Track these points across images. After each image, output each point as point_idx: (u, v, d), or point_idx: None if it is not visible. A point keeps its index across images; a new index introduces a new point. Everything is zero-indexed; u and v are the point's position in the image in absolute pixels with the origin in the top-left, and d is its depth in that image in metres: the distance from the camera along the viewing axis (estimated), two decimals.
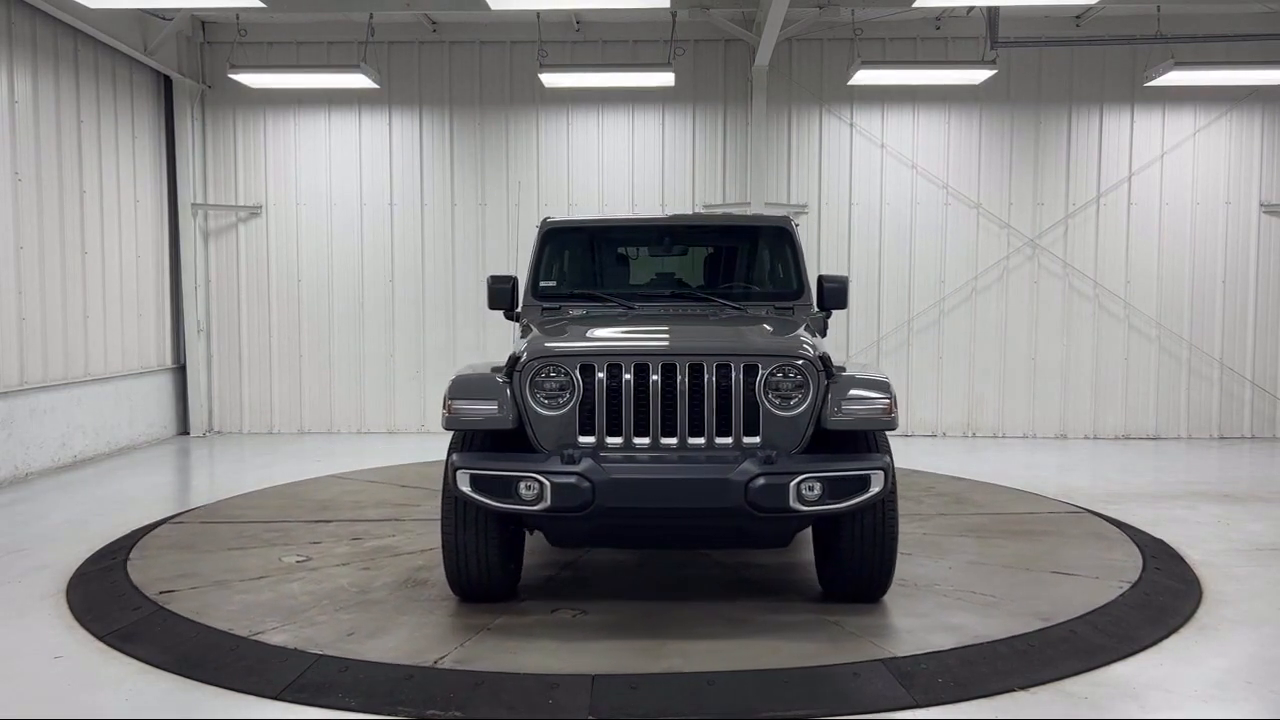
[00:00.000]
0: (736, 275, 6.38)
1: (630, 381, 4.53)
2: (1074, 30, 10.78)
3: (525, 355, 4.62)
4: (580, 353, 4.61)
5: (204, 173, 11.34)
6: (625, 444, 4.54)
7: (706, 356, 4.56)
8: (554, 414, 4.55)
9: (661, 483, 4.36)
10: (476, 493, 4.40)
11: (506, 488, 4.35)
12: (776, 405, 4.56)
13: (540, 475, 4.31)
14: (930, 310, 11.18)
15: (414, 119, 11.31)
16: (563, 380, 4.56)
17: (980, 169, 11.16)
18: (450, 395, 4.62)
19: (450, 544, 4.77)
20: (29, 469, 8.69)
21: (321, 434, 11.36)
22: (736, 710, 3.85)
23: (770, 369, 4.56)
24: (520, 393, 4.57)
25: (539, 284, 5.99)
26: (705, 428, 4.54)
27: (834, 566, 4.93)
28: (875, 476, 4.40)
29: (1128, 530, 6.65)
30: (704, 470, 4.38)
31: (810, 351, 4.65)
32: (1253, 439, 11.11)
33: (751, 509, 4.32)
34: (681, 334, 4.97)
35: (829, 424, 4.58)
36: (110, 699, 4.01)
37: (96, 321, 9.78)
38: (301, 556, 5.88)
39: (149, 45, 10.15)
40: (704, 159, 11.24)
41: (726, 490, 4.30)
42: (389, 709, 3.86)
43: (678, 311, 5.66)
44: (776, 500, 4.31)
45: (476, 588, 4.91)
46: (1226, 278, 11.13)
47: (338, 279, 11.40)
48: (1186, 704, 3.93)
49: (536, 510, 4.36)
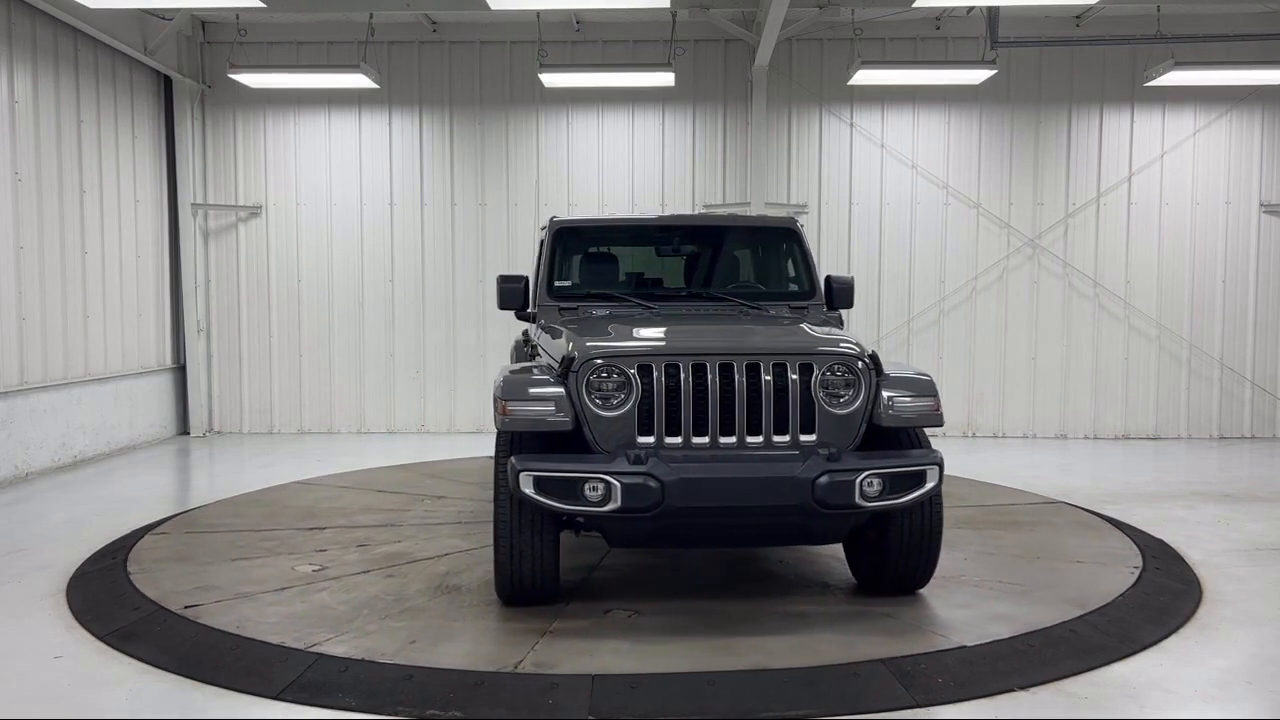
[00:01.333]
0: (750, 275, 6.43)
1: (689, 381, 4.53)
2: (1074, 30, 10.78)
3: (580, 356, 4.56)
4: (638, 353, 4.60)
5: (204, 173, 11.35)
6: (684, 443, 4.54)
7: (763, 355, 4.60)
8: (612, 414, 4.53)
9: (730, 481, 4.37)
10: (540, 494, 4.33)
11: (572, 489, 4.32)
12: (831, 403, 4.63)
13: (609, 476, 4.28)
14: (930, 310, 11.18)
15: (414, 119, 11.31)
16: (619, 380, 4.55)
17: (980, 169, 11.16)
18: (505, 397, 4.56)
19: (505, 547, 4.66)
20: (29, 469, 8.70)
21: (321, 434, 11.37)
22: (737, 710, 3.85)
23: (825, 367, 4.63)
24: (577, 394, 4.53)
25: (554, 283, 5.93)
26: (763, 426, 4.56)
27: (881, 560, 4.99)
28: (931, 472, 4.52)
29: (1111, 521, 6.87)
30: (770, 468, 4.40)
31: (862, 350, 4.73)
32: (1253, 439, 11.11)
33: (818, 505, 4.36)
34: (731, 334, 5.02)
35: (882, 421, 4.66)
36: (110, 699, 4.01)
37: (96, 321, 9.78)
38: (315, 566, 5.69)
39: (149, 45, 10.15)
40: (704, 159, 11.24)
41: (793, 487, 4.34)
42: (389, 709, 3.86)
43: (702, 311, 5.68)
44: (842, 497, 4.36)
45: (528, 591, 4.82)
46: (1226, 278, 11.14)
47: (338, 279, 11.41)
48: (1186, 704, 3.93)
49: (604, 511, 4.32)
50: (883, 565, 5.00)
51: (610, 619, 4.82)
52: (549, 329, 5.54)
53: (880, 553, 4.98)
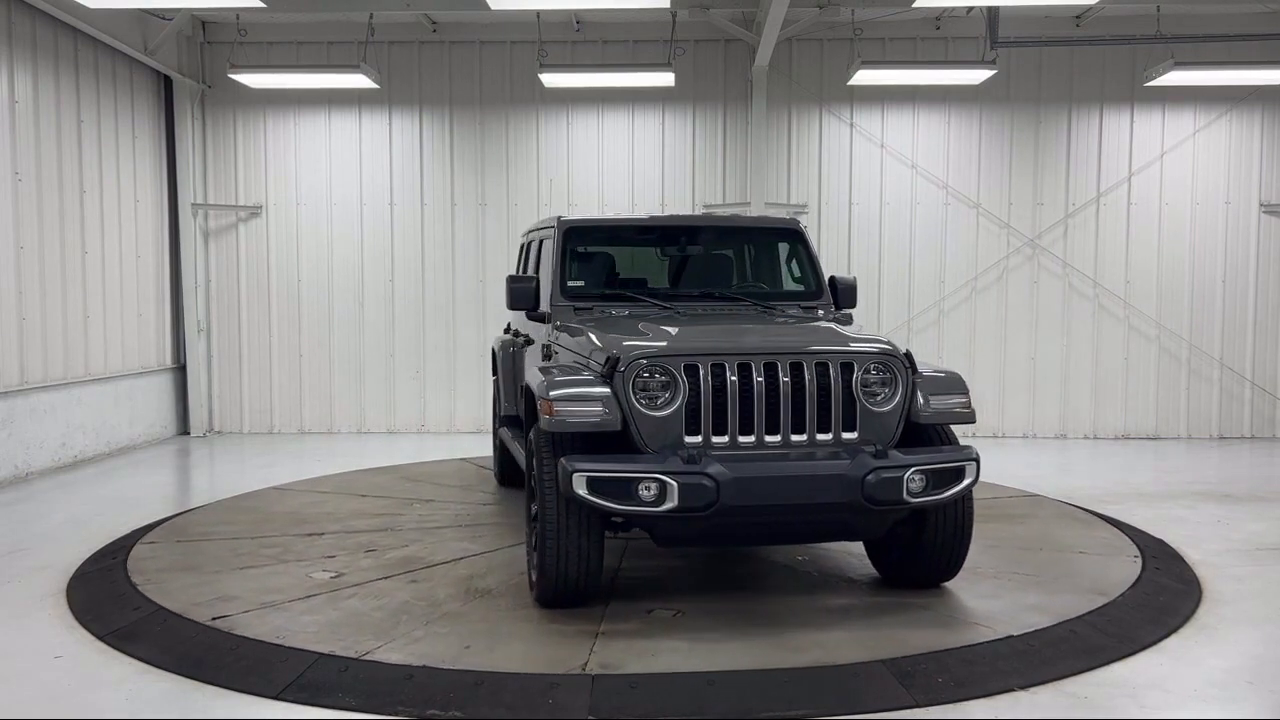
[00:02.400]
0: (759, 276, 6.48)
1: (735, 380, 4.58)
2: (1074, 30, 10.78)
3: (626, 356, 4.58)
4: (685, 352, 4.63)
5: (204, 173, 11.35)
6: (731, 442, 4.58)
7: (805, 355, 4.69)
8: (659, 414, 4.56)
9: (783, 479, 4.44)
10: (594, 495, 4.34)
11: (626, 489, 4.33)
12: (870, 401, 4.72)
13: (664, 475, 4.30)
14: (930, 310, 11.18)
15: (414, 119, 11.31)
16: (663, 380, 4.59)
17: (980, 169, 11.16)
18: (551, 397, 4.56)
19: (554, 548, 4.59)
20: (29, 469, 8.70)
21: (322, 434, 11.37)
22: (736, 710, 3.85)
23: (864, 366, 4.72)
24: (624, 394, 4.55)
25: (567, 283, 5.90)
26: (806, 425, 4.64)
27: (913, 553, 5.08)
28: (969, 468, 4.65)
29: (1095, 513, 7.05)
30: (821, 466, 4.49)
31: (897, 349, 4.83)
32: (1252, 439, 11.11)
33: (866, 502, 4.44)
34: (771, 334, 5.09)
35: (920, 419, 4.79)
36: (110, 699, 4.01)
37: (96, 321, 9.79)
38: (331, 572, 5.53)
39: (149, 45, 10.15)
40: (704, 159, 11.24)
41: (844, 485, 4.42)
42: (389, 709, 3.86)
43: (720, 312, 5.74)
44: (891, 493, 4.46)
45: (572, 593, 4.77)
46: (1226, 278, 11.13)
47: (338, 279, 11.41)
48: (1186, 704, 3.93)
49: (659, 511, 4.34)
50: (915, 559, 5.08)
51: (656, 619, 4.82)
52: (567, 329, 5.55)
53: (914, 547, 5.06)
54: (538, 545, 4.71)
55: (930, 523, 4.93)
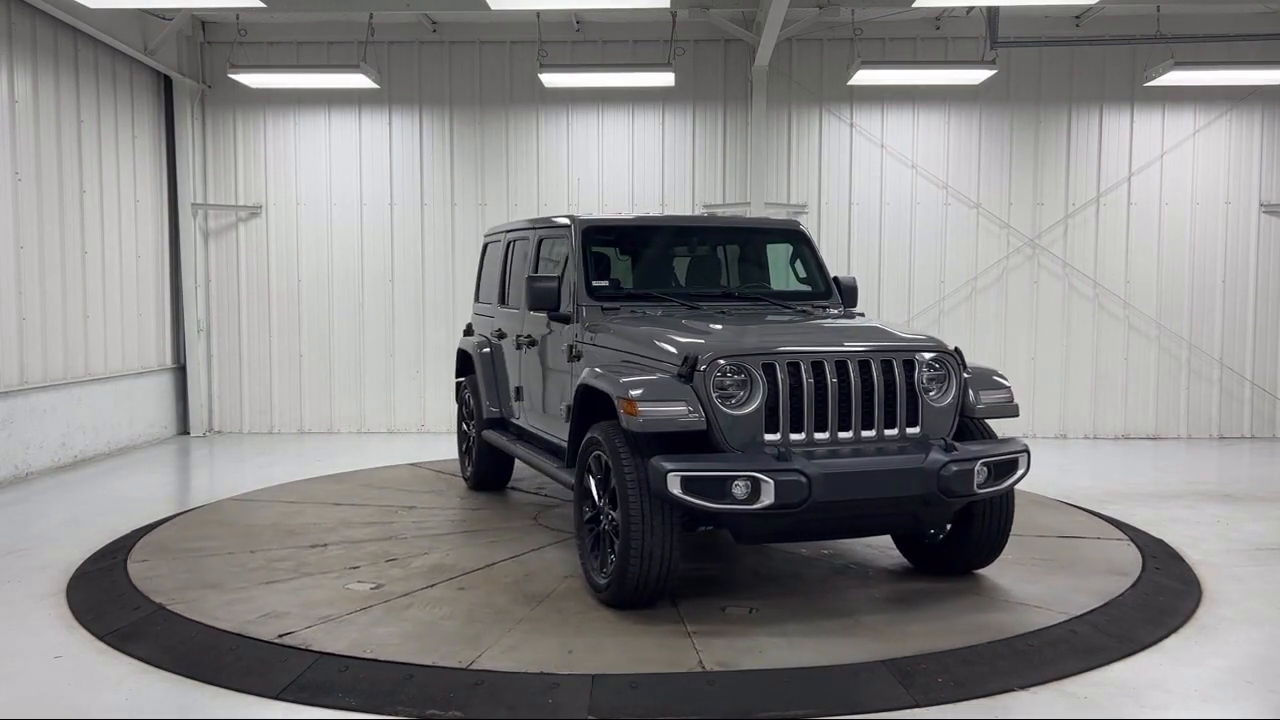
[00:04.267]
0: (771, 276, 6.59)
1: (810, 379, 4.69)
2: (1074, 30, 10.78)
3: (705, 355, 4.63)
4: (762, 351, 4.72)
5: (204, 173, 11.35)
6: (807, 439, 4.68)
7: (873, 353, 4.83)
8: (739, 413, 4.61)
9: (870, 474, 4.58)
10: (688, 494, 4.38)
11: (721, 488, 4.38)
12: (929, 397, 4.91)
13: (760, 473, 4.36)
14: (930, 310, 11.18)
15: (414, 119, 11.31)
16: (740, 379, 4.64)
17: (980, 169, 11.16)
18: (637, 398, 4.57)
19: (638, 549, 4.58)
20: (29, 469, 8.70)
21: (321, 434, 11.36)
22: (736, 710, 3.85)
23: (924, 363, 4.91)
24: (705, 393, 4.59)
25: (592, 283, 5.89)
26: (875, 421, 4.78)
27: (958, 542, 5.28)
28: (1022, 459, 4.92)
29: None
30: (901, 460, 4.64)
31: (949, 346, 5.07)
32: (1253, 439, 11.11)
33: (941, 494, 4.62)
34: (835, 332, 5.19)
35: (975, 413, 5.05)
36: (110, 699, 4.01)
37: (96, 321, 9.78)
38: (371, 584, 5.29)
39: (149, 45, 10.15)
40: (704, 159, 11.24)
41: (921, 478, 4.59)
42: (389, 709, 3.86)
43: (749, 311, 5.84)
44: (963, 485, 4.65)
45: (649, 593, 4.76)
46: (1226, 278, 11.13)
47: (338, 279, 11.40)
48: (1186, 704, 3.93)
49: (755, 508, 4.40)
50: (962, 547, 5.28)
51: (734, 616, 4.84)
52: (600, 329, 5.56)
53: (963, 535, 5.24)
54: (620, 546, 4.67)
55: (981, 512, 5.13)
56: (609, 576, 4.81)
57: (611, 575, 4.78)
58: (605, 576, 4.87)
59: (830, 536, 5.55)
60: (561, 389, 6.00)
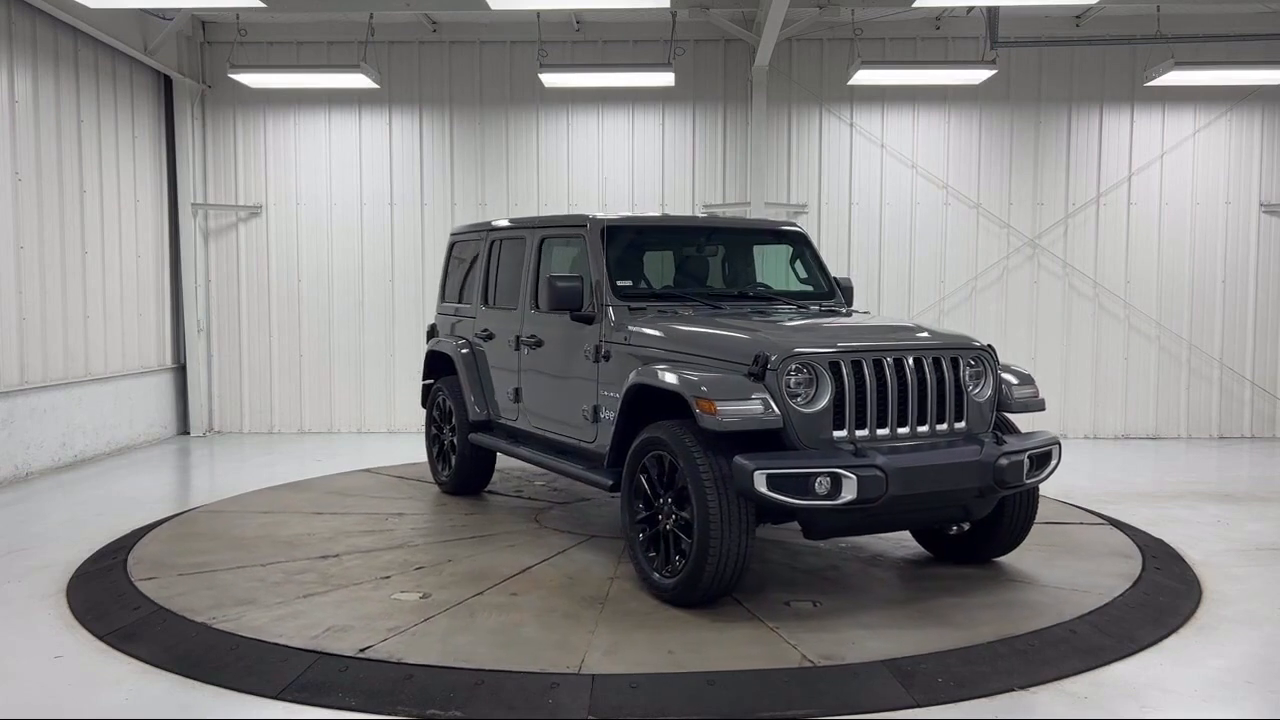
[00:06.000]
0: (781, 277, 6.67)
1: (874, 376, 4.82)
2: (1074, 30, 10.78)
3: (778, 354, 4.72)
4: (831, 349, 4.83)
5: (204, 172, 11.35)
6: (870, 435, 4.80)
7: (927, 351, 5.00)
8: (811, 410, 4.70)
9: (938, 468, 4.73)
10: (773, 491, 4.45)
11: (805, 484, 4.48)
12: (973, 393, 5.10)
13: (843, 470, 4.48)
14: (930, 310, 11.17)
15: (414, 119, 11.31)
16: (807, 377, 4.74)
17: (980, 169, 11.16)
18: (715, 397, 4.62)
19: (717, 547, 4.61)
20: (29, 469, 8.70)
21: (322, 434, 11.36)
22: (736, 710, 3.85)
23: (967, 359, 5.12)
24: (778, 391, 4.66)
25: (616, 283, 5.87)
26: (928, 416, 4.94)
27: (989, 531, 5.51)
28: (1055, 450, 5.20)
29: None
30: (963, 453, 4.82)
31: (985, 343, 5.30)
32: (1253, 439, 11.11)
33: (997, 485, 4.82)
34: (890, 331, 5.29)
35: (1012, 408, 5.30)
36: (110, 699, 4.01)
37: (96, 321, 9.79)
38: (416, 593, 5.13)
39: (149, 45, 10.15)
40: (704, 159, 11.24)
41: (981, 470, 4.77)
42: (389, 709, 3.86)
43: (774, 309, 5.96)
44: (1016, 476, 4.88)
45: (722, 590, 4.80)
46: (1226, 278, 11.13)
47: (338, 279, 11.40)
48: (1186, 704, 3.93)
49: (835, 503, 4.51)
50: (990, 536, 5.53)
51: (801, 610, 4.90)
52: (631, 330, 5.57)
53: (989, 525, 5.45)
54: (695, 544, 4.68)
55: (1013, 502, 5.34)
56: (676, 575, 4.84)
57: (682, 574, 4.80)
58: (670, 576, 4.89)
59: (891, 529, 5.66)
60: (582, 390, 5.94)
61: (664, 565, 4.96)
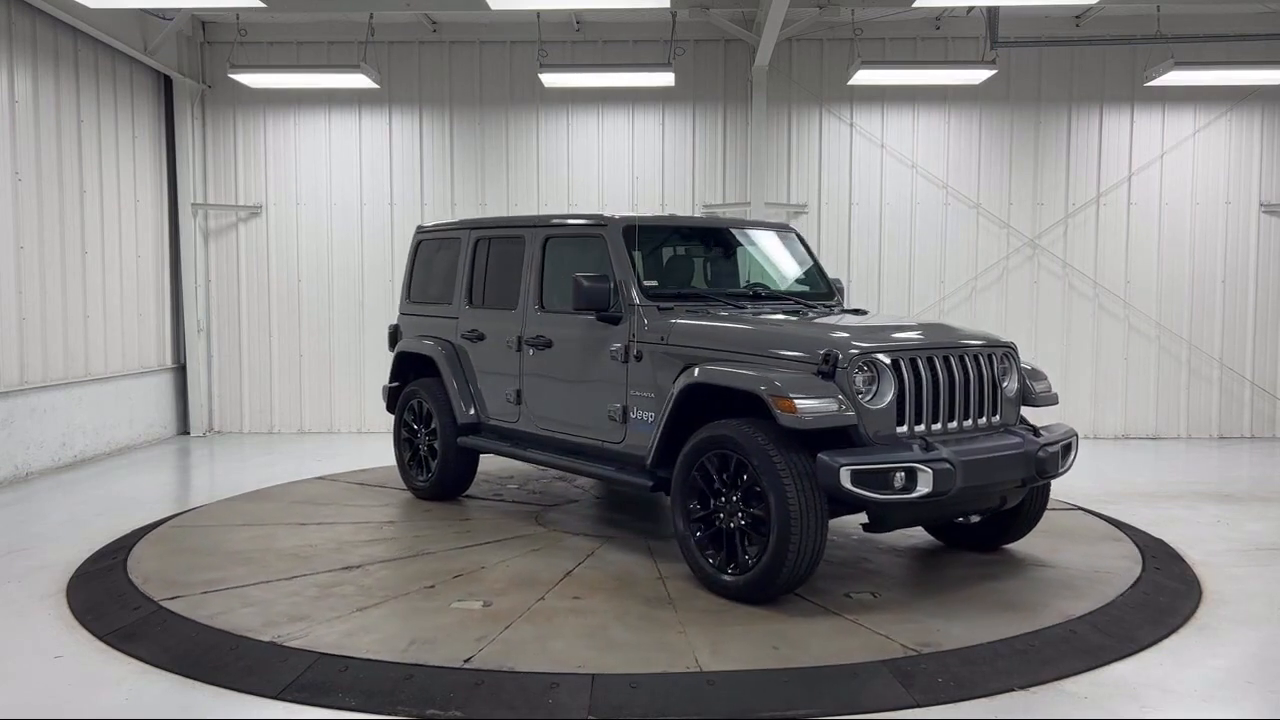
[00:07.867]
0: (788, 278, 6.79)
1: (928, 373, 5.02)
2: (1074, 30, 10.78)
3: (846, 352, 4.85)
4: (893, 347, 5.00)
5: (204, 172, 11.35)
6: (927, 429, 4.97)
7: (967, 348, 5.24)
8: (876, 407, 4.85)
9: (997, 459, 4.95)
10: (857, 486, 4.57)
11: (885, 479, 4.61)
12: (1005, 388, 5.37)
13: (919, 464, 4.63)
14: (930, 310, 11.17)
15: (414, 119, 11.31)
16: (871, 375, 4.89)
17: (980, 169, 11.16)
18: (794, 396, 4.69)
19: (797, 543, 4.68)
20: (29, 469, 8.70)
21: (322, 434, 11.36)
22: (736, 710, 3.85)
23: (999, 356, 5.38)
24: (848, 389, 4.80)
25: (643, 283, 5.87)
26: (970, 410, 5.16)
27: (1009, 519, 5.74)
28: (1075, 442, 5.47)
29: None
30: (1012, 445, 5.05)
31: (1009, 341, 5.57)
32: (1253, 439, 11.11)
33: (1039, 475, 5.10)
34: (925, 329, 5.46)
35: (1035, 403, 5.54)
36: (110, 699, 4.01)
37: (96, 321, 9.78)
38: (478, 601, 5.00)
39: (149, 45, 10.15)
40: (704, 159, 11.23)
41: (1028, 461, 5.03)
42: (389, 709, 3.86)
43: (792, 309, 6.11)
44: (1054, 466, 5.18)
45: (796, 585, 4.90)
46: (1226, 278, 11.13)
47: (338, 279, 11.40)
48: (1186, 704, 3.93)
49: (911, 497, 4.65)
50: (1008, 524, 5.77)
51: (865, 602, 5.02)
52: (664, 329, 5.61)
53: (1013, 513, 5.67)
54: (775, 541, 4.71)
55: (1033, 491, 5.52)
56: (748, 572, 4.87)
57: (756, 570, 4.84)
58: (735, 573, 4.95)
59: (943, 520, 5.79)
60: (607, 391, 5.88)
61: (728, 563, 5.00)
